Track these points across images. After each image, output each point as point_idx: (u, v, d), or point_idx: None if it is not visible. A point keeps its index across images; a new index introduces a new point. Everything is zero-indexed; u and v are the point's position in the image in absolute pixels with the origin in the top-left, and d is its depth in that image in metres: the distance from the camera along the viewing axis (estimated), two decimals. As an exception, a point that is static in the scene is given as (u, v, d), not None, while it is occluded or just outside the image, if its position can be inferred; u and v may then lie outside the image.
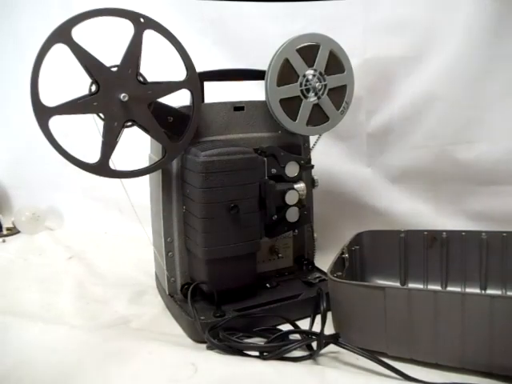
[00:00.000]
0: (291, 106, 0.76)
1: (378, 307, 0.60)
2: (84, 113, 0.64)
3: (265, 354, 0.59)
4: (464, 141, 0.94)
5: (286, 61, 0.74)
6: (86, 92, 0.64)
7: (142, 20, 0.65)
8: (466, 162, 0.94)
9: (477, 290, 0.76)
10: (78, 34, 0.62)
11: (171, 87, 0.68)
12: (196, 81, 0.70)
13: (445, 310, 0.56)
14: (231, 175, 0.68)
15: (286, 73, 0.74)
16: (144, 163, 0.73)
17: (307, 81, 0.76)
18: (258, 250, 0.73)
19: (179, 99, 0.71)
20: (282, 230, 0.75)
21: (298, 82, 0.75)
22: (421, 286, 0.80)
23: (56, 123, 0.63)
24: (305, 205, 0.77)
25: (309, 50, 0.75)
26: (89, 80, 0.64)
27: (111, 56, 0.65)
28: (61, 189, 1.27)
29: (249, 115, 0.77)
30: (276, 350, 0.59)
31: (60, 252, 1.07)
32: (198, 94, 0.70)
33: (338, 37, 0.77)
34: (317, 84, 0.76)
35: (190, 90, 0.70)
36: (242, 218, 0.69)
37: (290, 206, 0.74)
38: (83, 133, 0.93)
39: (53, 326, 0.69)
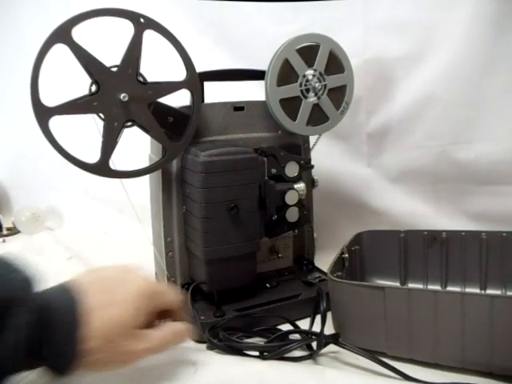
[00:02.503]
0: (291, 106, 0.76)
1: (377, 307, 0.60)
2: (84, 113, 0.64)
3: (265, 353, 0.59)
4: (464, 141, 0.94)
5: (286, 61, 0.74)
6: (86, 92, 0.64)
7: (142, 20, 0.65)
8: (465, 162, 0.94)
9: (477, 290, 0.76)
10: (78, 34, 0.62)
11: (171, 87, 0.68)
12: (196, 81, 0.70)
13: (445, 310, 0.56)
14: (231, 175, 0.68)
15: (286, 73, 0.74)
16: (144, 163, 0.73)
17: (307, 81, 0.75)
18: (258, 250, 0.73)
19: (179, 99, 0.71)
20: (282, 230, 0.75)
21: (298, 82, 0.75)
22: (421, 286, 0.80)
23: (56, 123, 0.63)
24: (305, 205, 0.77)
25: (309, 50, 0.75)
26: (89, 80, 0.64)
27: (111, 56, 0.65)
28: (61, 189, 1.26)
29: (249, 115, 0.77)
30: (276, 350, 0.59)
31: (60, 252, 1.06)
32: (198, 94, 0.70)
33: (337, 37, 0.77)
34: (317, 84, 0.76)
35: (190, 90, 0.70)
36: (242, 217, 0.69)
37: (290, 206, 0.74)
38: (83, 133, 0.93)
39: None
